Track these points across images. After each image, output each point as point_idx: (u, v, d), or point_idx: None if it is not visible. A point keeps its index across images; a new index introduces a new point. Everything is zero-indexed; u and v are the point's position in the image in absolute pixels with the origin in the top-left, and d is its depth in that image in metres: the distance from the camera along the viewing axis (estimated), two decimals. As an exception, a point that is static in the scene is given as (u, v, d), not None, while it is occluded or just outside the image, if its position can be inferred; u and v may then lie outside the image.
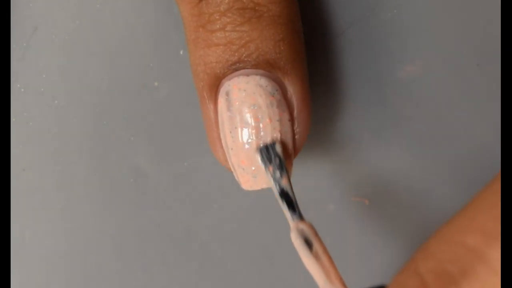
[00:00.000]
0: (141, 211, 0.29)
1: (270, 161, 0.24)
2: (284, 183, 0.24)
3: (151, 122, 0.29)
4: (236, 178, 0.25)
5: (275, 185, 0.24)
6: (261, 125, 0.24)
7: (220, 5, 0.24)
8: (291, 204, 0.24)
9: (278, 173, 0.24)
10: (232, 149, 0.25)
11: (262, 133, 0.24)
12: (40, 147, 0.29)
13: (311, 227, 0.24)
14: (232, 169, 0.25)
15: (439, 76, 0.28)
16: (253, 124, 0.24)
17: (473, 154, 0.29)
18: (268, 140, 0.24)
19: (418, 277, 0.18)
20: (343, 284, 0.23)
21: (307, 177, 0.29)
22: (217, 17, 0.24)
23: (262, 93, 0.24)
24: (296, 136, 0.25)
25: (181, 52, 0.28)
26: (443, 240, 0.18)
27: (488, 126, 0.29)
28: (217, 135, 0.25)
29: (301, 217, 0.24)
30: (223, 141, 0.25)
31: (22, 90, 0.28)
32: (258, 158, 0.24)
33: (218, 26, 0.24)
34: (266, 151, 0.24)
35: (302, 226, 0.24)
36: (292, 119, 0.25)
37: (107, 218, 0.29)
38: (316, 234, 0.24)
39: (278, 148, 0.24)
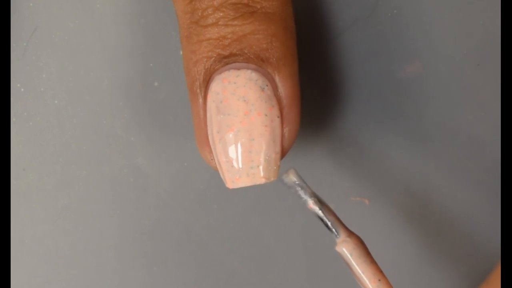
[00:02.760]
0: (141, 211, 0.29)
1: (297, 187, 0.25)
2: (309, 207, 0.25)
3: (151, 122, 0.29)
4: (221, 175, 0.25)
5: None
6: (250, 118, 0.24)
7: (214, 0, 0.24)
8: (325, 225, 0.25)
9: (303, 199, 0.25)
10: (219, 143, 0.24)
11: (251, 127, 0.24)
12: (40, 147, 0.29)
13: (353, 243, 0.25)
14: (218, 167, 0.25)
15: (439, 76, 0.28)
16: (242, 117, 0.24)
17: (473, 154, 0.29)
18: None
19: None
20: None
21: (307, 177, 0.29)
22: (210, 12, 0.24)
23: (252, 86, 0.24)
24: (285, 135, 0.25)
25: (181, 53, 0.28)
26: None
27: (488, 126, 0.29)
28: (205, 133, 0.25)
29: (337, 233, 0.25)
30: (210, 138, 0.25)
31: (22, 90, 0.28)
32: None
33: (211, 21, 0.24)
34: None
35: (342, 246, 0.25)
36: (281, 116, 0.25)
37: (107, 218, 0.29)
38: (359, 247, 0.25)
39: (292, 176, 0.25)
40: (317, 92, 0.28)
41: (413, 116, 0.29)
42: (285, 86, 0.25)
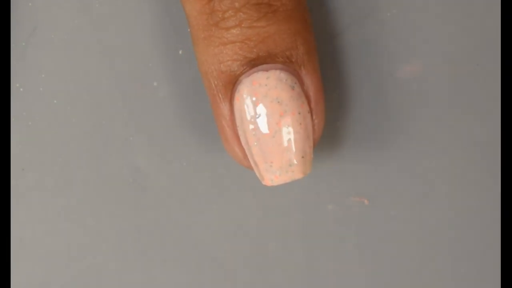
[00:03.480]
0: (141, 211, 0.29)
1: None
2: None
3: (151, 122, 0.29)
4: (257, 174, 0.25)
5: None
6: (285, 119, 0.24)
7: (235, 1, 0.24)
8: None
9: None
10: (256, 144, 0.25)
11: (287, 127, 0.24)
12: (39, 147, 0.29)
13: None
14: (254, 166, 0.25)
15: (439, 76, 0.28)
16: (278, 118, 0.24)
17: (473, 154, 0.29)
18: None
19: None
20: None
21: (307, 177, 0.29)
22: (232, 13, 0.24)
23: (284, 87, 0.24)
24: (315, 128, 0.25)
25: (180, 52, 0.28)
26: None
27: (488, 126, 0.29)
28: (233, 133, 0.25)
29: None
30: (242, 138, 0.25)
31: (21, 89, 0.28)
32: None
33: (233, 23, 0.24)
34: None
35: None
36: (310, 111, 0.25)
37: (106, 218, 0.29)
38: None
39: None
40: (317, 92, 0.28)
41: (413, 116, 0.29)
42: (311, 80, 0.25)
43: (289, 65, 0.25)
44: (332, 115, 0.29)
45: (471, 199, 0.29)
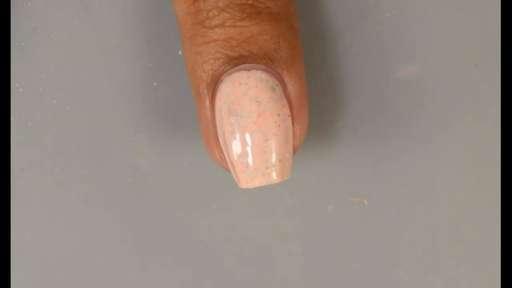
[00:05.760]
0: (140, 211, 0.29)
1: None
2: None
3: (151, 122, 0.29)
4: (234, 176, 0.25)
5: None
6: (263, 119, 0.24)
7: (219, 1, 0.24)
8: None
9: None
10: (233, 143, 0.25)
11: (264, 128, 0.24)
12: (39, 147, 0.29)
13: None
14: (230, 167, 0.25)
15: (439, 76, 0.28)
16: (255, 118, 0.24)
17: (473, 154, 0.29)
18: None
19: None
20: None
21: (307, 177, 0.29)
22: (216, 13, 0.24)
23: (264, 87, 0.24)
24: (295, 134, 0.25)
25: (180, 52, 0.28)
26: None
27: (488, 126, 0.29)
28: (214, 133, 0.25)
29: None
30: (220, 139, 0.25)
31: (21, 89, 0.28)
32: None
33: (217, 22, 0.24)
34: None
35: None
36: (292, 115, 0.25)
37: (106, 218, 0.29)
38: None
39: None
40: (316, 92, 0.28)
41: (413, 116, 0.29)
42: (294, 85, 0.25)
43: (271, 66, 0.25)
44: (332, 115, 0.29)
45: (471, 199, 0.29)
